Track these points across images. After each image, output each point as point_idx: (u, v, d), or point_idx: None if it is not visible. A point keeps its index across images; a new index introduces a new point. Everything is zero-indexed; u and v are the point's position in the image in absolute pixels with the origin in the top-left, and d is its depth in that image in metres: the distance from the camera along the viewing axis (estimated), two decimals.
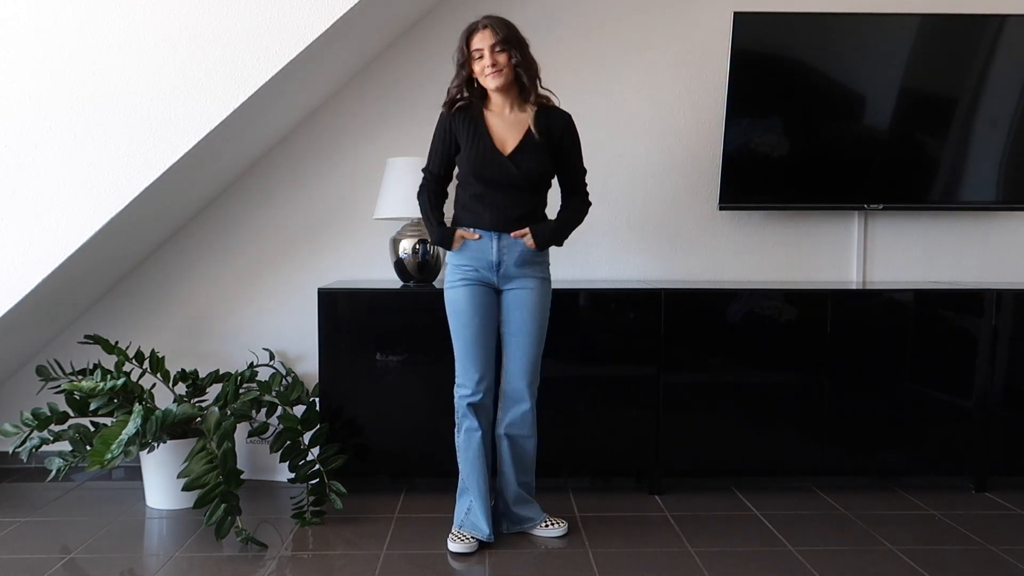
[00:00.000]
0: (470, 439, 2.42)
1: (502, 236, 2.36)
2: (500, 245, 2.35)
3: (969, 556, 2.36)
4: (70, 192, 2.54)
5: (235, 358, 3.18)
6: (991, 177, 3.20)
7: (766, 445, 2.90)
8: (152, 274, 3.22)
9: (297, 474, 2.69)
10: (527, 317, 2.39)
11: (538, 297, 2.40)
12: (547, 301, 2.44)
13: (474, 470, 2.42)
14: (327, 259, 3.24)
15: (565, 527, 2.50)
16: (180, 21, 2.52)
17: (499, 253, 2.36)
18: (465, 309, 2.38)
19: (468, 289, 2.37)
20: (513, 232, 2.35)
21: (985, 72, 3.12)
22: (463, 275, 2.39)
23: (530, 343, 2.40)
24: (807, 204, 3.23)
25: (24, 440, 2.66)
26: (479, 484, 2.42)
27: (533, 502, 2.52)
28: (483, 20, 2.31)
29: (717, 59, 3.18)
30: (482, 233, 2.36)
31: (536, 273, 2.40)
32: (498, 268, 2.36)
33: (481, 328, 2.38)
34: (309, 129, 3.22)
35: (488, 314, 2.40)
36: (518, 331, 2.40)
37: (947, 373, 2.91)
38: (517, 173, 2.32)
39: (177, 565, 2.30)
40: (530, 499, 2.52)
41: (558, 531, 2.48)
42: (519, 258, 2.36)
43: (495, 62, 2.27)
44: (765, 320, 2.88)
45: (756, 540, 2.48)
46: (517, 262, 2.36)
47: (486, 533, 2.39)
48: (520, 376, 2.41)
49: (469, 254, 2.38)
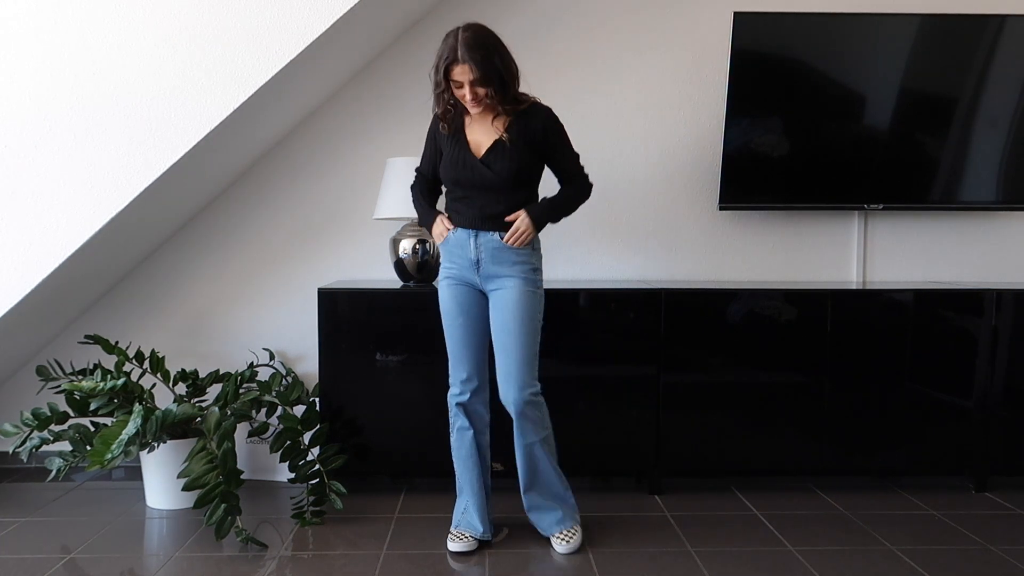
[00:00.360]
0: (462, 438, 2.42)
1: (479, 234, 2.33)
2: (477, 243, 2.33)
3: (969, 556, 2.36)
4: (70, 192, 2.54)
5: (235, 358, 3.18)
6: (991, 177, 3.20)
7: (766, 445, 2.90)
8: (152, 274, 3.22)
9: (297, 474, 2.69)
10: (507, 318, 2.31)
11: (518, 296, 2.31)
12: (532, 301, 2.34)
13: (466, 469, 2.43)
14: (327, 259, 3.24)
15: (572, 544, 2.36)
16: (180, 21, 2.52)
17: (476, 251, 2.33)
18: (450, 308, 2.39)
19: (452, 288, 2.39)
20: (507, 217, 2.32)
21: (985, 72, 3.12)
22: (448, 273, 2.41)
23: (513, 344, 2.30)
24: (807, 204, 3.23)
25: (24, 440, 2.66)
26: (472, 483, 2.42)
27: (549, 510, 2.42)
28: (461, 53, 2.17)
29: (717, 59, 3.18)
30: (460, 229, 2.35)
31: (517, 273, 2.33)
32: (477, 267, 2.34)
33: (465, 327, 2.38)
34: (309, 129, 3.22)
35: (472, 314, 2.38)
36: (499, 332, 2.34)
37: (947, 373, 2.91)
38: (489, 174, 2.30)
39: (177, 565, 2.30)
40: (545, 506, 2.43)
41: (561, 546, 2.36)
42: (496, 255, 2.32)
43: (475, 95, 2.23)
44: (765, 320, 2.88)
45: (756, 540, 2.47)
46: (495, 259, 2.32)
47: (480, 531, 2.39)
48: (506, 380, 2.33)
49: (450, 252, 2.38)
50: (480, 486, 2.43)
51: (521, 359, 2.31)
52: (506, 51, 2.26)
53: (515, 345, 2.31)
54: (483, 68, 2.18)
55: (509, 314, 2.31)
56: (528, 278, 2.35)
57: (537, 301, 2.37)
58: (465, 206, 2.36)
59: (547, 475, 2.41)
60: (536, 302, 2.36)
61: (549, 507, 2.43)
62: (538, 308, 2.37)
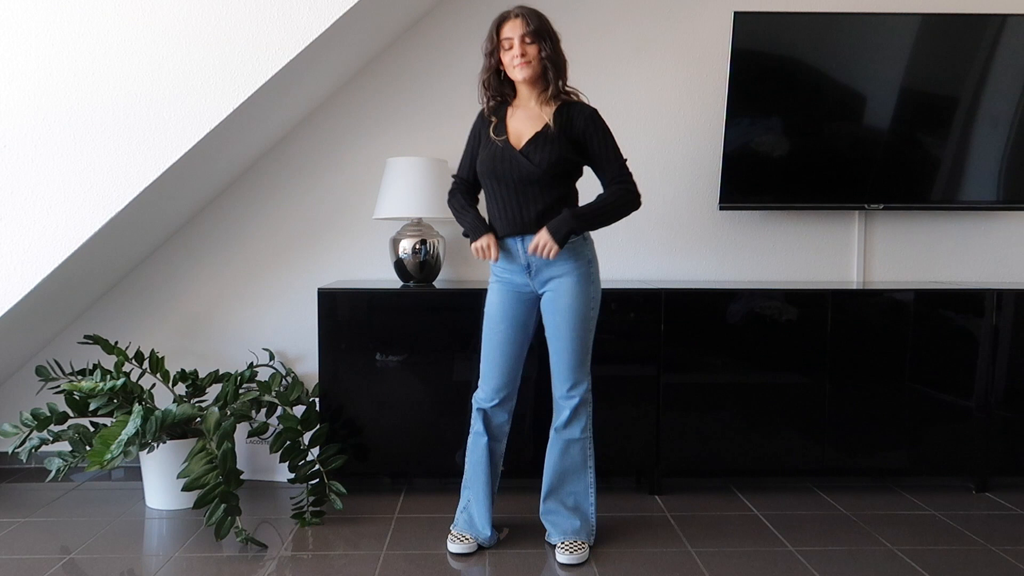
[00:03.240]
0: (476, 443, 2.40)
1: (526, 238, 2.26)
2: (525, 246, 2.26)
3: (969, 556, 2.36)
4: (70, 192, 2.54)
5: (235, 358, 3.18)
6: (991, 177, 3.20)
7: (766, 445, 2.90)
8: (152, 274, 3.22)
9: (297, 474, 2.69)
10: (560, 321, 2.26)
11: (572, 296, 2.25)
12: (585, 299, 2.26)
13: (477, 473, 2.40)
14: (327, 259, 3.24)
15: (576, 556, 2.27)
16: (180, 21, 2.52)
17: (526, 256, 2.27)
18: (494, 313, 2.34)
19: (500, 294, 2.34)
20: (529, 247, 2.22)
21: (985, 72, 3.12)
22: (498, 277, 2.36)
23: (564, 345, 2.27)
24: (807, 204, 3.23)
25: (24, 440, 2.66)
26: (478, 487, 2.39)
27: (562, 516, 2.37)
28: (515, 9, 2.23)
29: (717, 59, 3.19)
30: (506, 239, 2.30)
31: (570, 270, 2.25)
32: (529, 270, 2.29)
33: (506, 335, 2.32)
34: (309, 129, 3.22)
35: (517, 325, 2.32)
36: (553, 332, 2.30)
37: (947, 373, 2.91)
38: (527, 164, 2.21)
39: (177, 565, 2.29)
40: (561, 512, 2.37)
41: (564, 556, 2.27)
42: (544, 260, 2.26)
43: (524, 52, 2.20)
44: (765, 320, 2.88)
45: (756, 540, 2.47)
46: (546, 261, 2.26)
47: (486, 536, 2.37)
48: (557, 376, 2.31)
49: (503, 259, 2.32)
50: (487, 492, 2.40)
51: (573, 358, 2.28)
52: (557, 36, 2.27)
53: (567, 345, 2.27)
54: (536, 22, 2.21)
55: (561, 317, 2.27)
56: (582, 272, 2.27)
57: (591, 295, 2.29)
58: (504, 210, 2.27)
59: (578, 481, 2.37)
60: (589, 298, 2.28)
61: (559, 513, 2.38)
62: (592, 303, 2.30)
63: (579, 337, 2.28)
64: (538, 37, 2.21)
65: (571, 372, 2.30)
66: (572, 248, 2.26)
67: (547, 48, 2.22)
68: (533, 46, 2.21)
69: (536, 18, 2.23)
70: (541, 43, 2.21)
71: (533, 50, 2.21)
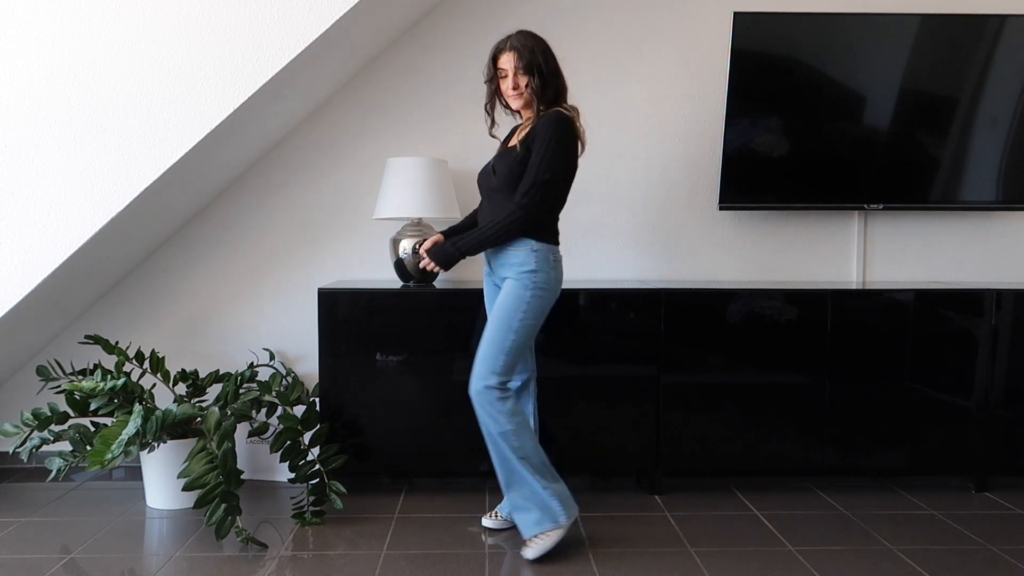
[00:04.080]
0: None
1: None
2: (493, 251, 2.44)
3: (969, 556, 2.36)
4: (70, 192, 2.54)
5: (235, 358, 3.18)
6: (991, 177, 3.20)
7: (766, 445, 2.90)
8: (152, 274, 3.22)
9: (297, 474, 2.69)
10: (491, 315, 2.41)
11: (505, 294, 2.34)
12: (516, 300, 2.31)
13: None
14: (327, 259, 3.24)
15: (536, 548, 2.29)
16: (180, 21, 2.53)
17: (487, 254, 2.46)
18: (486, 306, 2.56)
19: (487, 288, 2.56)
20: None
21: (985, 72, 3.12)
22: (485, 275, 2.55)
23: (485, 335, 2.35)
24: (807, 204, 3.23)
25: (24, 440, 2.66)
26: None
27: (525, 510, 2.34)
28: (511, 40, 2.35)
29: (717, 59, 3.19)
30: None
31: (514, 273, 2.34)
32: (492, 268, 2.47)
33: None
34: (309, 129, 3.22)
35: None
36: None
37: (947, 373, 2.91)
38: (493, 179, 2.39)
39: (177, 565, 2.30)
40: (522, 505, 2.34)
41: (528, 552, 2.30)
42: (498, 258, 2.40)
43: (516, 84, 2.35)
44: (765, 320, 2.88)
45: (756, 540, 2.48)
46: (498, 262, 2.41)
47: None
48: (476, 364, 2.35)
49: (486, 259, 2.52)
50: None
51: (485, 350, 2.33)
52: (552, 56, 2.36)
53: (485, 336, 2.36)
54: (527, 57, 2.32)
55: (492, 312, 2.42)
56: (524, 279, 2.32)
57: (525, 301, 2.31)
58: (482, 216, 2.48)
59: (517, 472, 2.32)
60: (522, 302, 2.31)
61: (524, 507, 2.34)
62: (526, 308, 2.31)
63: (497, 331, 2.32)
64: (528, 72, 2.32)
65: (478, 363, 2.35)
66: (518, 255, 2.35)
67: (535, 82, 2.33)
68: (525, 78, 2.34)
69: (528, 52, 2.32)
70: (531, 77, 2.33)
71: (525, 81, 2.35)
